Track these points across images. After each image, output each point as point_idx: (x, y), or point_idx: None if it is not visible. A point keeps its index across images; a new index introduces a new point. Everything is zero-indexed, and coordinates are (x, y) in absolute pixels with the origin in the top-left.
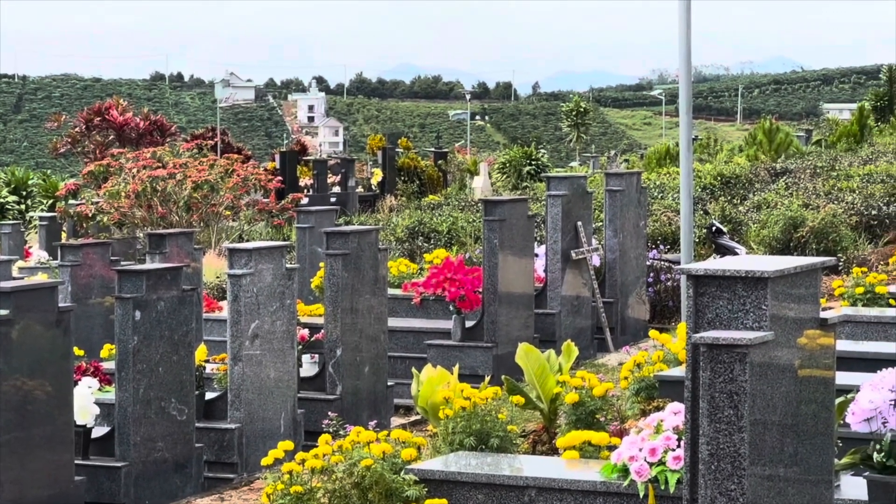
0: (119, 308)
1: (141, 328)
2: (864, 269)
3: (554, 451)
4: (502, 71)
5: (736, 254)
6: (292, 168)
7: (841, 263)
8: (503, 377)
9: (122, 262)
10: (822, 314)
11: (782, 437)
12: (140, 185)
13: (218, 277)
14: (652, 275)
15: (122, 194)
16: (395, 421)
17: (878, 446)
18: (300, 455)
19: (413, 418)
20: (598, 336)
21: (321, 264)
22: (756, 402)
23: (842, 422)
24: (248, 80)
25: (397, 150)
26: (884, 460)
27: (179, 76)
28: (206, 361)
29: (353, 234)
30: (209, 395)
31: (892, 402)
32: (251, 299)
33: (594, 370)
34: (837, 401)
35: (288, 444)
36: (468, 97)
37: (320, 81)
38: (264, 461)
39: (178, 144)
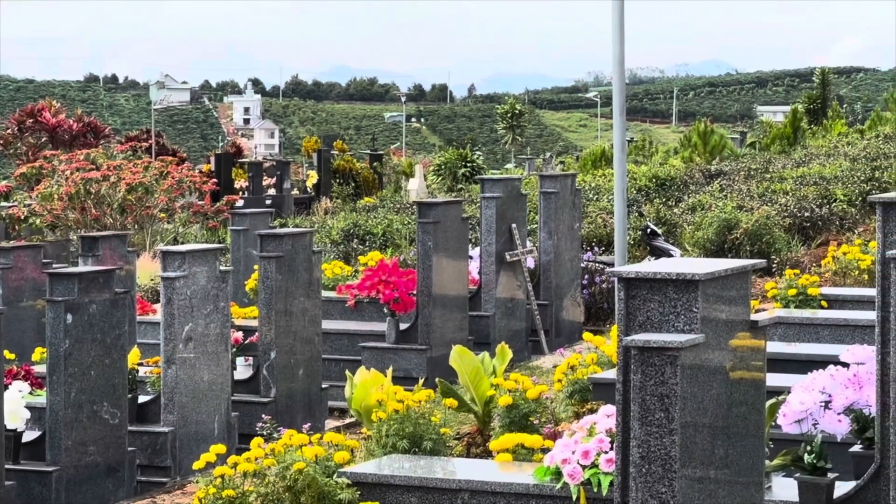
0: (50, 311)
1: (73, 331)
2: (797, 271)
3: (488, 454)
4: (438, 73)
5: (671, 255)
6: (227, 170)
7: (774, 265)
8: (437, 380)
9: (55, 265)
10: (754, 316)
11: (713, 440)
12: (73, 187)
13: (152, 280)
14: (587, 277)
15: (55, 196)
16: (330, 423)
17: (808, 447)
18: (232, 458)
19: (347, 421)
20: (532, 338)
21: (255, 267)
22: (687, 405)
23: (773, 423)
24: (184, 83)
25: (333, 152)
26: (814, 461)
27: (114, 78)
28: (140, 364)
29: (286, 236)
30: (142, 399)
31: (823, 404)
32: (185, 302)
33: (528, 373)
34: (769, 402)
35: (220, 448)
36: (404, 99)
37: (256, 84)
38: (196, 465)
39: (112, 146)
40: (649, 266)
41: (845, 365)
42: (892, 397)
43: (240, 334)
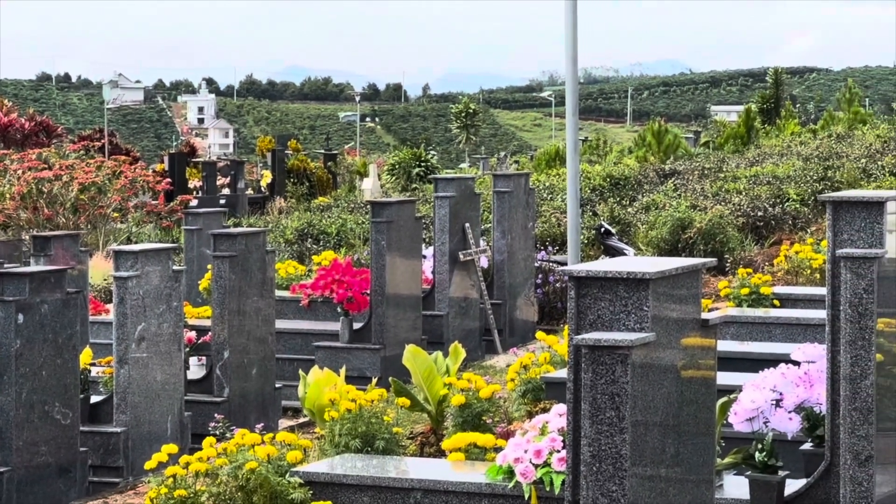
0: (1, 311)
1: (24, 331)
2: (750, 270)
3: (441, 454)
4: (392, 72)
5: (625, 255)
6: (181, 170)
7: (728, 264)
8: (390, 379)
9: (6, 265)
10: (704, 315)
11: (664, 438)
12: (25, 186)
13: (105, 280)
14: (540, 276)
15: (7, 196)
16: (283, 423)
17: (759, 446)
18: (184, 458)
19: (301, 420)
20: (486, 338)
21: (209, 266)
22: (637, 404)
23: (725, 422)
24: (137, 82)
25: (287, 152)
26: (765, 459)
27: (67, 77)
28: (92, 364)
29: (240, 236)
30: (94, 399)
31: (774, 402)
32: (137, 302)
33: (482, 372)
34: (720, 401)
35: (172, 448)
36: (358, 99)
37: (210, 83)
38: (148, 465)
39: (64, 146)
40: (600, 264)
41: (796, 363)
42: (842, 395)
43: (193, 334)
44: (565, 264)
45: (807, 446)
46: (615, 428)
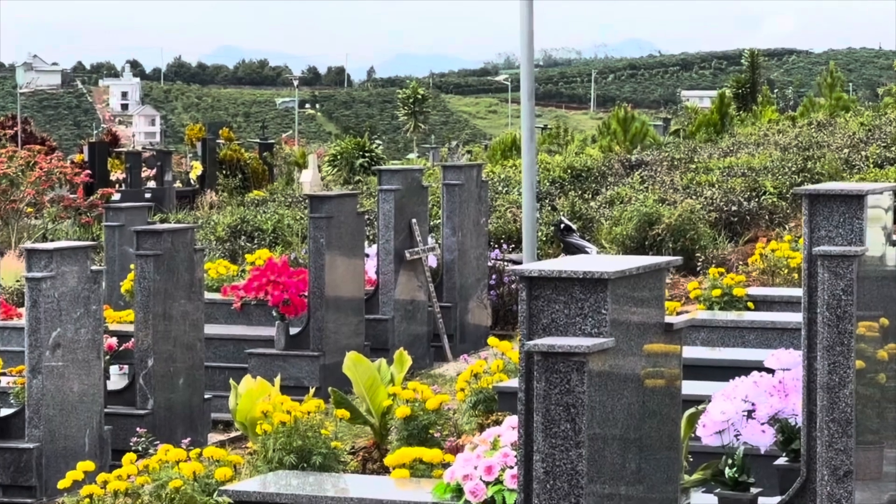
0: None
1: None
2: (722, 270)
3: (385, 470)
4: (334, 55)
5: (586, 253)
6: (102, 161)
7: (699, 263)
8: (330, 389)
9: None
10: (669, 319)
11: (624, 453)
12: None
13: (18, 281)
14: (494, 277)
15: None
16: (213, 437)
17: (730, 461)
18: (102, 476)
19: (232, 434)
20: (434, 344)
21: (132, 266)
22: (595, 415)
23: (692, 435)
24: (54, 64)
25: (219, 141)
26: (736, 476)
27: None
28: (2, 374)
29: (166, 233)
30: (4, 412)
31: (746, 414)
32: (52, 305)
33: (430, 381)
34: (688, 412)
35: (89, 465)
36: (297, 83)
37: (135, 66)
38: (62, 484)
39: None
40: (554, 263)
41: (770, 371)
42: (820, 406)
43: (114, 340)
44: (520, 263)
45: (781, 461)
46: (570, 442)
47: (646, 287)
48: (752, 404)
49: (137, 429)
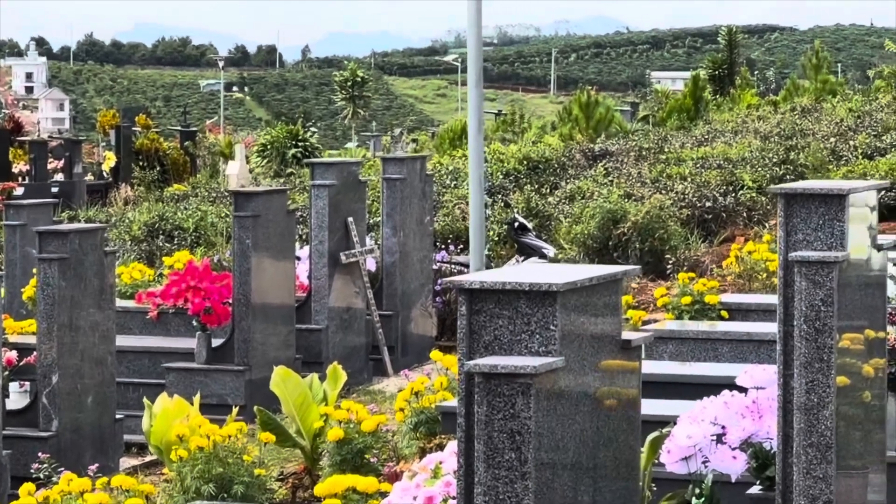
0: None
1: None
2: (693, 275)
3: (318, 499)
4: (265, 32)
5: (543, 255)
6: (3, 151)
7: (669, 266)
8: (256, 408)
9: None
10: (627, 334)
11: (576, 485)
12: None
13: None
14: (440, 282)
15: None
16: (126, 462)
17: (697, 490)
18: None
19: (147, 459)
20: (373, 356)
21: (35, 271)
22: (543, 443)
23: (656, 461)
24: None
25: (135, 128)
26: None
27: None
28: None
29: (73, 233)
30: None
31: (715, 438)
32: None
33: (368, 398)
34: (651, 436)
35: None
36: (222, 64)
37: (40, 44)
38: None
39: None
40: (496, 274)
41: (742, 390)
42: (796, 429)
43: (14, 354)
44: (469, 266)
45: (755, 490)
46: (516, 473)
47: (600, 299)
48: (722, 427)
49: (40, 454)
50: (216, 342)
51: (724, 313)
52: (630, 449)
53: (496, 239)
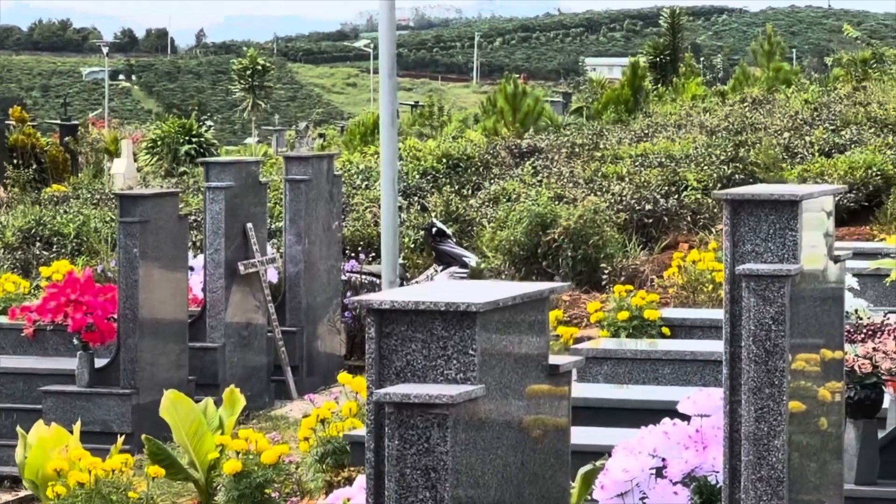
0: None
1: None
2: (630, 287)
3: None
4: (155, 14)
5: (465, 264)
6: None
7: (605, 277)
8: (144, 437)
9: None
10: (556, 359)
11: None
12: None
13: None
14: (350, 294)
15: None
16: None
17: None
18: None
19: (21, 494)
20: (275, 378)
21: None
22: (461, 480)
23: (589, 497)
24: None
25: (8, 122)
26: None
27: None
28: None
29: None
30: None
31: (654, 471)
32: None
33: (270, 425)
34: (583, 470)
35: None
36: (107, 50)
37: None
38: None
39: None
40: (408, 292)
41: (685, 417)
42: (745, 461)
43: None
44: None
45: None
46: None
47: (525, 319)
48: (663, 459)
49: None
50: (99, 363)
51: (666, 330)
52: (558, 485)
53: (412, 246)
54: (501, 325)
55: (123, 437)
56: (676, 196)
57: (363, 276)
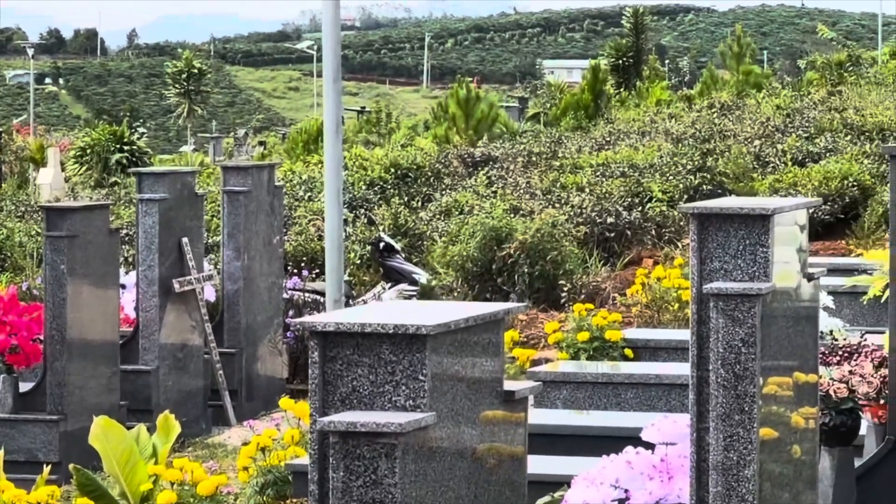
0: None
1: None
2: (591, 306)
3: None
4: (84, 13)
5: (415, 282)
6: None
7: (564, 295)
8: (72, 467)
9: None
10: (511, 385)
11: None
12: None
13: None
14: (292, 312)
15: None
16: None
17: None
18: None
19: None
20: (213, 402)
21: None
22: None
23: None
24: None
25: None
26: None
27: None
28: None
29: None
30: None
31: (616, 503)
32: None
33: (207, 453)
34: (540, 501)
35: None
36: (32, 52)
37: None
38: None
39: None
40: (355, 313)
41: (650, 446)
42: (713, 492)
43: None
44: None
45: None
46: None
47: (479, 342)
48: (625, 491)
49: None
50: (24, 387)
51: (629, 352)
52: None
53: (358, 262)
54: (454, 349)
55: (50, 466)
56: (640, 208)
57: (306, 295)
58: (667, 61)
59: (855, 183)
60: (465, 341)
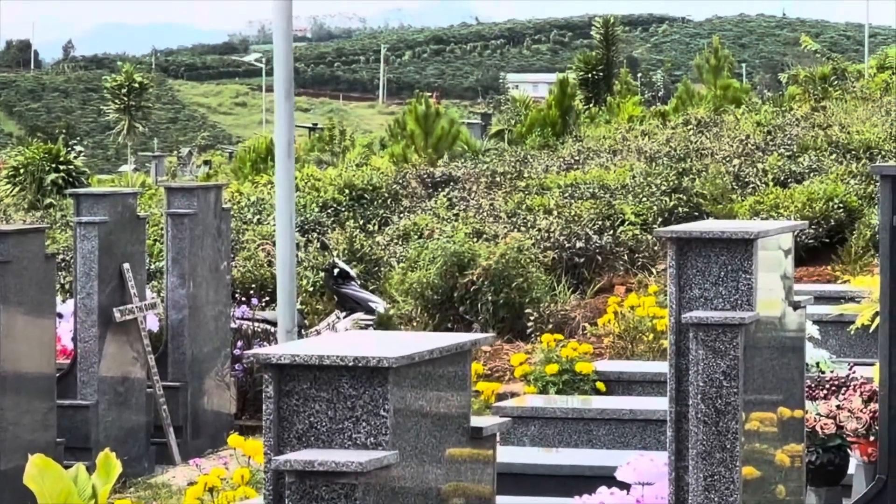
0: None
1: None
2: (560, 336)
3: None
4: (16, 24)
5: (371, 310)
6: None
7: (530, 324)
8: None
9: None
10: (478, 420)
11: None
12: None
13: None
14: (241, 343)
15: None
16: None
17: None
18: None
19: None
20: (156, 440)
21: None
22: None
23: None
24: None
25: None
26: None
27: None
28: None
29: None
30: None
31: None
32: None
33: (150, 494)
34: None
35: None
36: None
37: None
38: None
39: None
40: (312, 345)
41: (625, 486)
42: None
43: None
44: (276, 324)
45: None
46: None
47: (444, 376)
48: None
49: None
50: None
51: (601, 385)
52: None
53: (310, 290)
54: (417, 383)
55: None
56: (611, 232)
57: (256, 324)
58: (639, 75)
59: (841, 204)
60: (429, 374)
